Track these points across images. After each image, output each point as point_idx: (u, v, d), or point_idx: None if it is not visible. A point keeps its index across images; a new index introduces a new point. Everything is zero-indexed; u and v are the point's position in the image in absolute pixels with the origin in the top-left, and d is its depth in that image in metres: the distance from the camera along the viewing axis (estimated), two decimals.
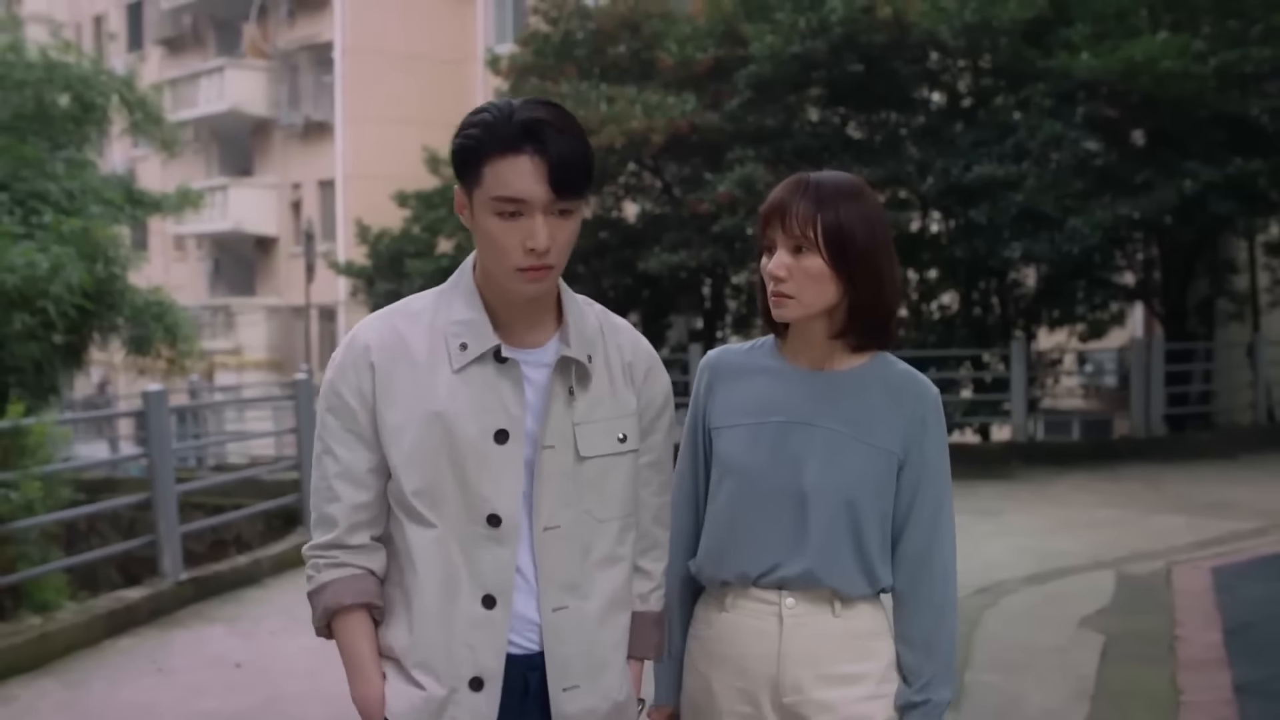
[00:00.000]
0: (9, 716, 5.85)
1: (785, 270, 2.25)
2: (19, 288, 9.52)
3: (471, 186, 2.11)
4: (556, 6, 17.15)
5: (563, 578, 2.19)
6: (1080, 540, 9.52)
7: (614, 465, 2.24)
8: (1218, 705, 5.43)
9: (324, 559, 2.20)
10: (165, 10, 38.33)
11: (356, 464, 2.18)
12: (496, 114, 2.09)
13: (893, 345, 2.40)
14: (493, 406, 2.15)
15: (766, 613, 2.32)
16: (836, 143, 15.15)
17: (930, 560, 2.34)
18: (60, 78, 12.59)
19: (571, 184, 2.07)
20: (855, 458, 2.28)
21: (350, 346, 2.21)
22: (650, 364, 2.33)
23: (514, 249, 2.08)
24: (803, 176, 2.31)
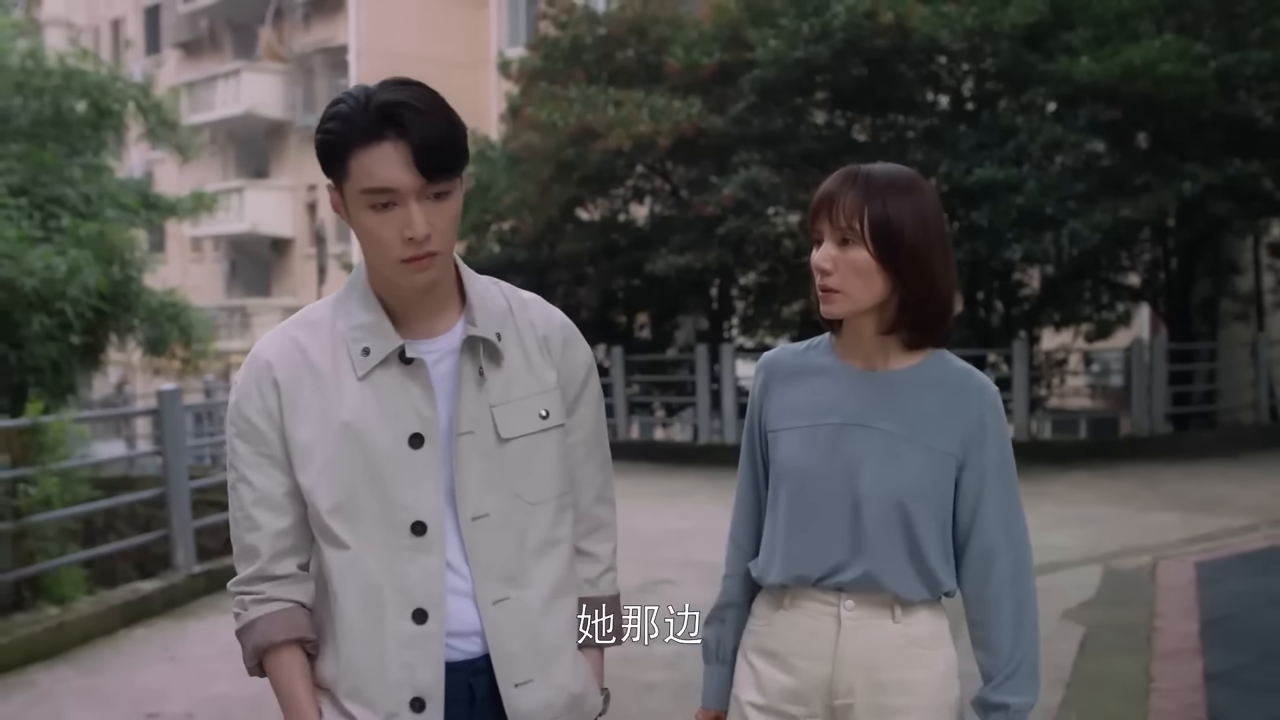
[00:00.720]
0: (29, 701, 6.10)
1: (831, 263, 2.19)
2: (37, 290, 9.81)
3: (341, 181, 2.00)
4: (565, 12, 17.40)
5: (499, 568, 2.09)
6: (1074, 536, 9.69)
7: (539, 444, 2.13)
8: (1186, 692, 5.63)
9: (250, 594, 2.09)
10: (182, 14, 38.67)
11: (272, 489, 2.08)
12: (353, 103, 1.97)
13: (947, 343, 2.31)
14: (403, 410, 2.05)
15: (825, 613, 2.28)
16: (841, 145, 15.35)
17: (1001, 561, 2.27)
18: (78, 85, 12.89)
19: (440, 165, 1.96)
20: (912, 460, 2.23)
21: (251, 366, 2.11)
22: (566, 334, 2.22)
23: (393, 241, 1.97)
24: (854, 168, 2.24)
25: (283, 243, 36.58)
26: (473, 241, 18.95)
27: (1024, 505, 8.23)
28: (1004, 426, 2.28)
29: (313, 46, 35.04)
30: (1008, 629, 2.27)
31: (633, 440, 17.11)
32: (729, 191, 14.43)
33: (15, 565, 7.16)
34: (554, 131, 15.63)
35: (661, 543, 9.16)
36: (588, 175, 16.32)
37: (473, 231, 18.92)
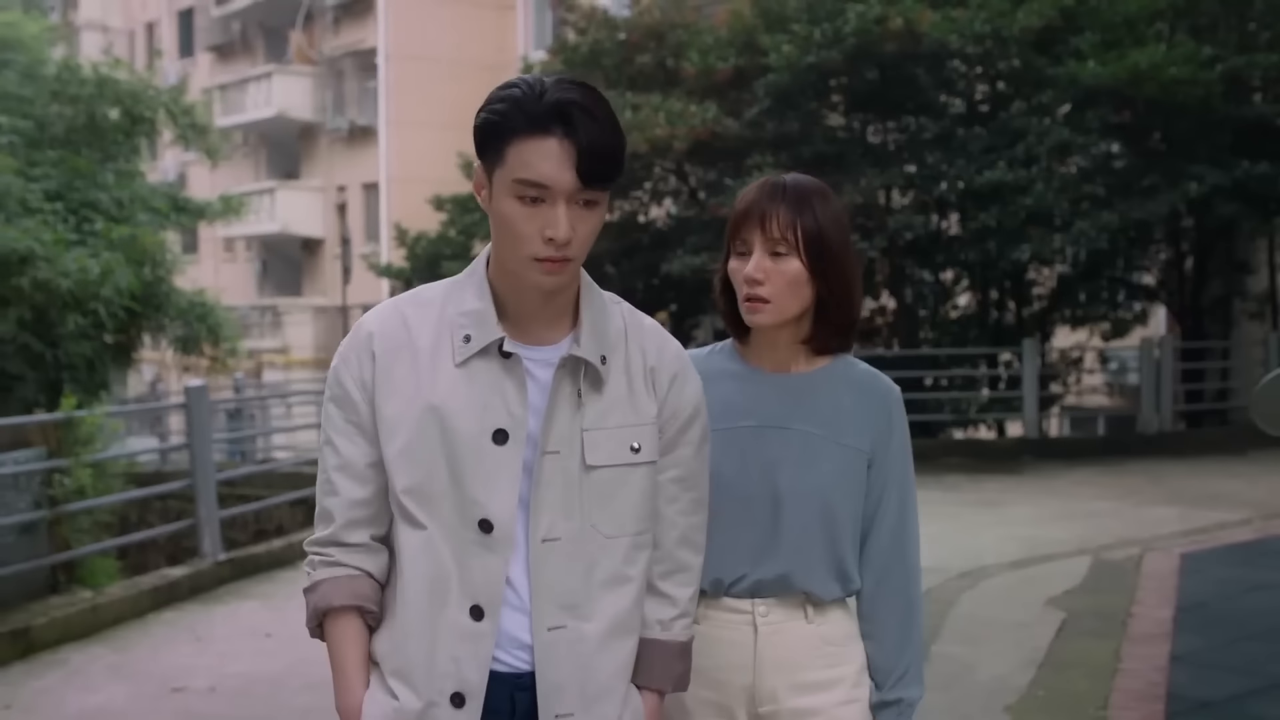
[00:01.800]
0: (64, 676, 6.50)
1: (763, 273, 2.22)
2: (72, 291, 10.25)
3: (493, 166, 1.96)
4: (585, 17, 17.76)
5: (561, 595, 2.03)
6: (1071, 529, 9.97)
7: (626, 477, 2.06)
8: (1151, 672, 5.94)
9: (320, 556, 2.10)
10: (215, 18, 39.21)
11: (356, 457, 2.06)
12: (526, 91, 1.93)
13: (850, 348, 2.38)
14: (493, 404, 2.00)
15: (740, 622, 2.30)
16: (853, 148, 15.64)
17: (898, 558, 2.33)
18: (110, 92, 13.35)
19: (600, 173, 1.92)
20: (830, 458, 2.27)
21: (355, 334, 2.10)
22: (678, 369, 2.14)
23: (532, 237, 1.92)
24: (775, 179, 2.29)
25: (313, 243, 37.07)
26: None
27: (1027, 500, 8.74)
28: (906, 427, 2.35)
29: (342, 49, 35.52)
30: (897, 624, 2.33)
31: None
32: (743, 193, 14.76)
33: (51, 551, 7.57)
34: None
35: None
36: None
37: None
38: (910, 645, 2.35)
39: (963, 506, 11.50)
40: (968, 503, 11.71)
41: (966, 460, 14.37)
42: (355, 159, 35.13)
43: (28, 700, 6.10)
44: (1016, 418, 15.88)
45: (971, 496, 12.08)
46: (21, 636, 6.80)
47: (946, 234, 15.97)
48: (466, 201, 19.84)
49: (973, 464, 14.18)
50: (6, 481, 7.16)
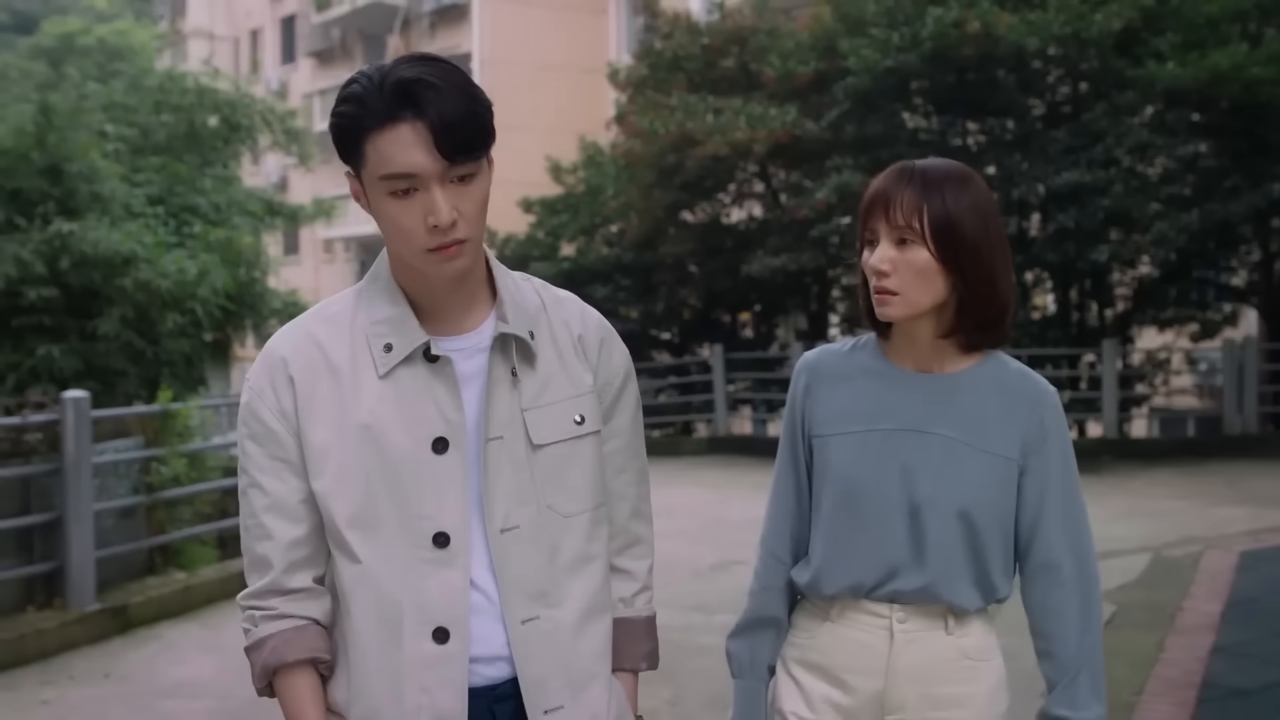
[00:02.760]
0: (158, 649, 6.97)
1: (889, 264, 2.08)
2: (171, 291, 10.78)
3: (358, 168, 1.86)
4: (669, 23, 18.08)
5: (529, 585, 1.93)
6: (1136, 527, 10.05)
7: (574, 451, 1.98)
8: (1190, 662, 6.10)
9: (260, 610, 1.93)
10: (316, 25, 40.15)
11: (286, 495, 1.93)
12: (366, 83, 1.82)
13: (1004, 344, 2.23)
14: (427, 413, 1.90)
15: (876, 626, 2.19)
16: (933, 150, 15.75)
17: (1066, 570, 2.20)
18: (209, 101, 13.95)
19: (462, 145, 1.81)
20: (971, 466, 2.13)
21: (265, 362, 1.96)
22: (604, 335, 2.07)
23: (417, 229, 1.83)
24: (907, 164, 2.15)
25: None
26: (582, 244, 19.75)
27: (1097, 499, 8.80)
28: (1065, 430, 2.21)
29: (439, 54, 36.16)
30: (1072, 639, 2.20)
31: (733, 435, 17.69)
32: (821, 196, 14.98)
33: (148, 535, 8.05)
34: (655, 139, 16.33)
35: (746, 527, 9.79)
36: (688, 180, 16.96)
37: (583, 234, 19.72)
38: (1087, 661, 2.21)
39: None
40: None
41: None
42: None
43: (125, 670, 6.56)
44: (1097, 418, 15.91)
45: None
46: (121, 613, 7.28)
47: (1027, 235, 16.04)
48: (554, 204, 20.29)
49: None
50: (107, 469, 7.65)
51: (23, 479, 7.11)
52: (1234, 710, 5.42)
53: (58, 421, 7.16)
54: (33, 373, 10.59)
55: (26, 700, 6.04)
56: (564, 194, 20.21)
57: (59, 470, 7.11)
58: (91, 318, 10.89)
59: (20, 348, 10.82)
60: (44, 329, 10.76)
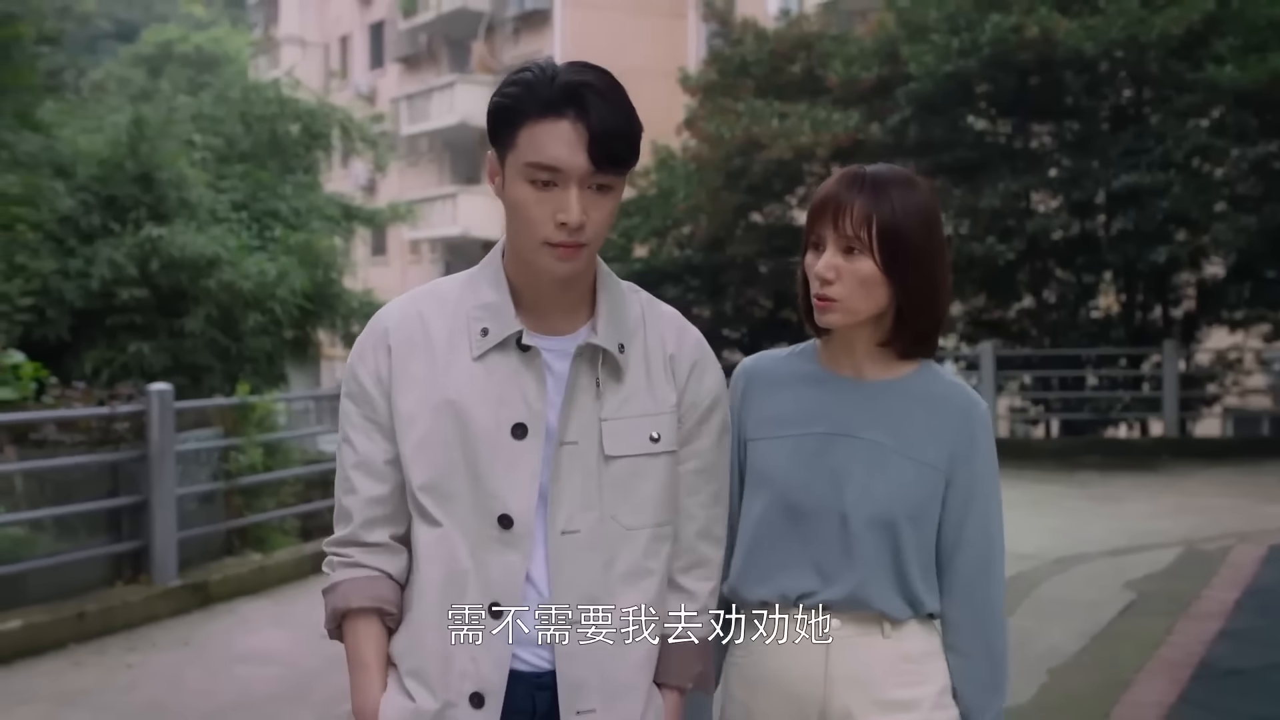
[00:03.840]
0: (234, 623, 7.55)
1: (834, 272, 2.07)
2: (252, 291, 11.47)
3: (505, 151, 1.94)
4: (738, 29, 18.50)
5: (581, 589, 1.98)
6: (1180, 523, 10.27)
7: (645, 467, 2.02)
8: (1194, 645, 6.42)
9: (339, 557, 2.07)
10: (403, 30, 40.99)
11: (374, 454, 2.03)
12: (538, 74, 1.91)
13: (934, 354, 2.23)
14: (512, 398, 1.98)
15: (810, 634, 2.16)
16: (995, 152, 16.01)
17: (981, 588, 2.18)
18: (290, 111, 14.67)
19: (613, 156, 1.90)
20: (898, 473, 2.12)
21: (371, 329, 2.08)
22: (698, 358, 2.10)
23: (544, 221, 1.90)
24: (858, 169, 2.13)
25: (492, 245, 38.46)
26: (654, 245, 20.20)
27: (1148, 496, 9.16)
28: (993, 445, 2.20)
29: (521, 59, 36.63)
30: (985, 655, 2.19)
31: None
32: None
33: (226, 518, 8.66)
34: (721, 143, 16.75)
35: None
36: (754, 183, 17.35)
37: (654, 235, 20.16)
38: (996, 676, 2.20)
39: (1084, 500, 11.89)
40: (1091, 497, 12.09)
41: (1103, 458, 14.65)
42: None
43: (202, 639, 7.15)
44: (1160, 417, 16.03)
45: (1097, 492, 12.43)
46: (201, 589, 7.87)
47: (1090, 236, 16.22)
48: (626, 206, 20.74)
49: (1109, 462, 14.46)
50: (189, 456, 8.25)
51: (112, 464, 7.73)
52: (1224, 687, 5.73)
53: (144, 412, 7.76)
54: (125, 368, 11.33)
55: (113, 663, 6.64)
56: (636, 196, 20.69)
57: (145, 457, 7.71)
58: (179, 316, 11.62)
59: (114, 345, 11.56)
60: (135, 327, 11.51)
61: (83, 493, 7.65)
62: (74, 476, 7.66)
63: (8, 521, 7.34)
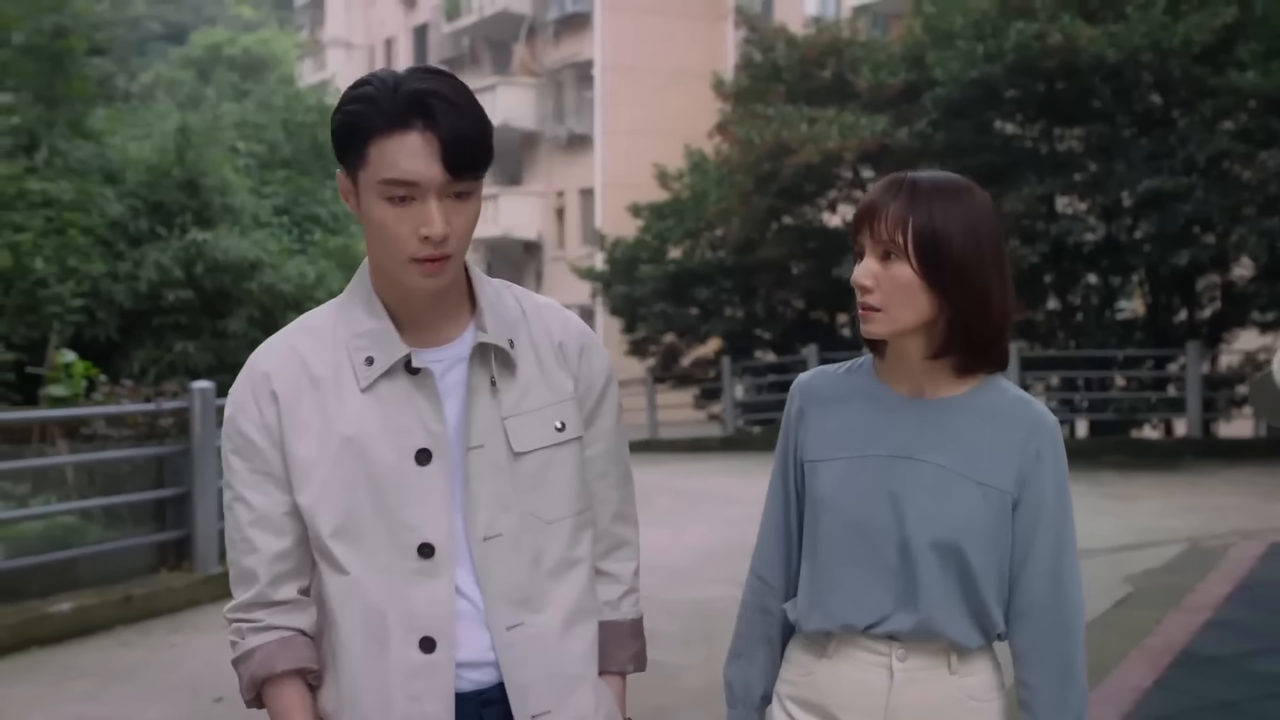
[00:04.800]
0: None
1: (871, 279, 1.99)
2: (293, 293, 11.98)
3: (356, 169, 1.87)
4: (769, 36, 18.85)
5: (513, 591, 1.96)
6: (1189, 521, 10.46)
7: (555, 457, 2.00)
8: (1179, 634, 6.68)
9: (247, 622, 1.95)
10: (446, 33, 41.54)
11: (271, 508, 1.95)
12: (380, 86, 1.84)
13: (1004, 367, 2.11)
14: (409, 425, 1.92)
15: (875, 664, 2.07)
16: (1019, 157, 16.26)
17: (1054, 613, 2.06)
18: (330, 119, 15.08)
19: (468, 162, 1.84)
20: (963, 496, 2.02)
21: (248, 376, 1.98)
22: (584, 341, 2.09)
23: (407, 238, 1.84)
24: (900, 175, 2.04)
25: (533, 245, 38.99)
26: (687, 247, 20.58)
27: (1164, 493, 9.74)
28: (1063, 462, 2.08)
29: (562, 62, 37.28)
30: (1050, 691, 2.08)
31: None
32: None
33: None
34: (751, 147, 17.11)
35: None
36: (784, 187, 17.69)
37: (688, 237, 20.55)
38: (1070, 708, 2.08)
39: (1100, 499, 12.08)
40: (1107, 495, 12.30)
41: (1125, 458, 14.86)
42: (573, 166, 36.65)
43: None
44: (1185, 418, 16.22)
45: (1114, 490, 12.65)
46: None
47: (1113, 240, 16.44)
48: (661, 209, 21.15)
49: (1130, 462, 14.68)
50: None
51: (158, 458, 8.20)
52: (1200, 673, 6.01)
53: (187, 408, 8.21)
54: (171, 366, 11.84)
55: (157, 644, 7.09)
56: (670, 199, 21.07)
57: (188, 451, 8.16)
58: (222, 317, 12.13)
59: (161, 344, 12.07)
60: (181, 327, 12.02)
61: (130, 484, 8.14)
62: (122, 469, 8.15)
63: (60, 511, 7.82)
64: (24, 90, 12.47)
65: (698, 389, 21.43)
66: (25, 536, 7.58)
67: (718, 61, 33.49)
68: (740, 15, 20.28)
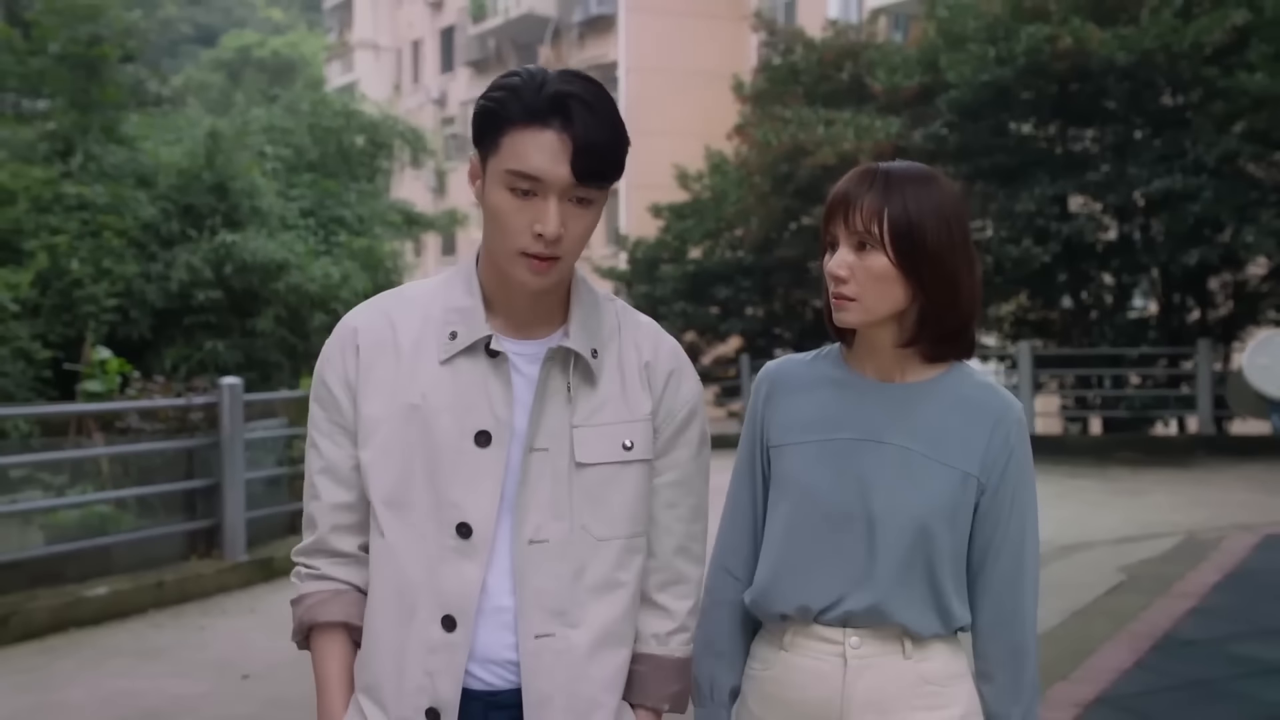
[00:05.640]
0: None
1: (847, 269, 2.00)
2: (318, 293, 12.35)
3: (488, 155, 1.89)
4: (787, 39, 19.13)
5: (549, 600, 1.92)
6: (1191, 515, 10.71)
7: (618, 476, 1.97)
8: (1162, 619, 6.95)
9: (306, 568, 2.01)
10: (473, 35, 41.90)
11: (340, 460, 1.97)
12: (527, 80, 1.86)
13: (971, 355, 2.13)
14: (477, 404, 1.92)
15: (828, 653, 2.08)
16: (1031, 157, 16.48)
17: (1012, 598, 2.09)
18: (355, 124, 15.59)
19: (596, 170, 1.84)
20: (930, 479, 2.03)
21: (339, 331, 2.02)
22: (674, 367, 2.05)
23: (521, 230, 1.85)
24: (871, 166, 2.06)
25: None
26: (707, 247, 20.89)
27: (1172, 489, 10.01)
28: (1028, 449, 2.11)
29: (587, 63, 37.56)
30: (1017, 669, 2.11)
31: None
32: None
33: (290, 500, 9.46)
34: (768, 149, 17.40)
35: None
36: (800, 188, 17.96)
37: (708, 237, 20.86)
38: (1023, 691, 2.11)
39: (1107, 494, 12.37)
40: (1115, 491, 12.57)
41: (1137, 454, 15.07)
42: None
43: (267, 608, 7.92)
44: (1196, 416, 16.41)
45: (1122, 486, 12.91)
46: (267, 564, 8.67)
47: (1126, 239, 16.66)
48: (681, 209, 21.46)
49: (1142, 458, 14.88)
50: (257, 444, 9.07)
51: (188, 450, 8.57)
52: (1178, 655, 6.27)
53: (216, 403, 8.58)
54: (201, 364, 12.24)
55: (188, 626, 7.46)
56: (691, 200, 21.38)
57: (217, 444, 8.53)
58: (250, 317, 12.52)
59: (191, 342, 12.47)
60: (210, 326, 12.42)
61: (161, 475, 8.52)
62: (154, 461, 8.53)
63: (96, 500, 8.20)
64: (60, 97, 12.90)
65: (718, 387, 21.74)
66: (63, 524, 7.96)
67: (741, 62, 33.70)
68: (758, 19, 20.54)
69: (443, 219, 17.22)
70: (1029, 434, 2.13)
